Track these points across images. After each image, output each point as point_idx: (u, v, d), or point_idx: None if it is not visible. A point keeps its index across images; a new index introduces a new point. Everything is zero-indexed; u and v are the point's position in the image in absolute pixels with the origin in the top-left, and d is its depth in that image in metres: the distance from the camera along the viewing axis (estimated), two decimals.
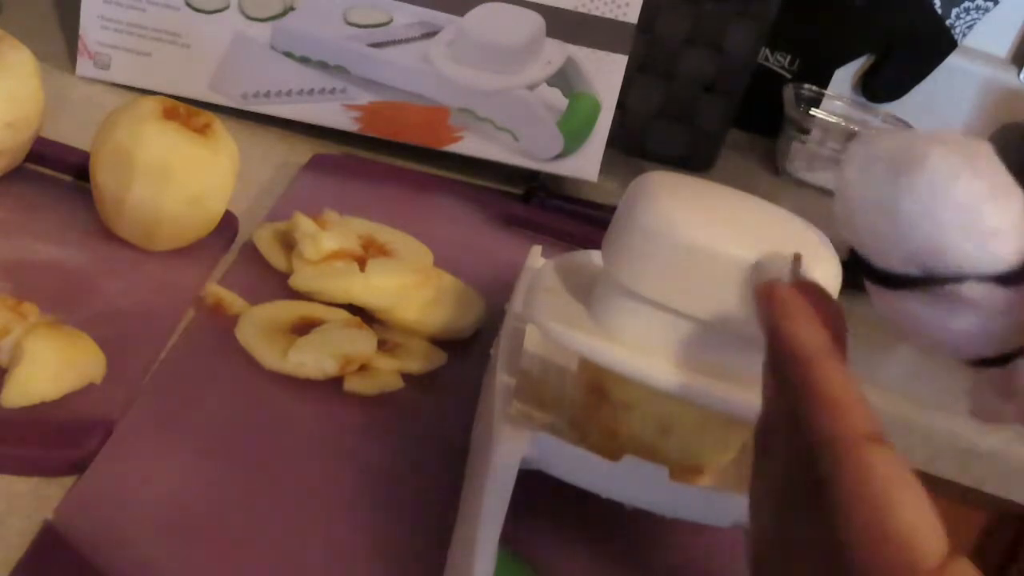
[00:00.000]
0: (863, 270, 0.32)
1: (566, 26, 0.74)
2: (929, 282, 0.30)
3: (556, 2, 0.73)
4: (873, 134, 0.33)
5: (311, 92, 0.75)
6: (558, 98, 0.75)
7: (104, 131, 0.56)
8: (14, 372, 0.45)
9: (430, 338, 0.57)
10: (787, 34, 1.00)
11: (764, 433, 0.33)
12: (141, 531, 0.42)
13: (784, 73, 1.04)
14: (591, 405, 0.44)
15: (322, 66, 0.74)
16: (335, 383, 0.52)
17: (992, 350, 0.32)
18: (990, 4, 1.06)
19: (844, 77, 1.09)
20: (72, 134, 0.64)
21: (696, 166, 0.93)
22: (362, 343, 0.53)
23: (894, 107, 1.09)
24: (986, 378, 0.33)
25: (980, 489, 0.73)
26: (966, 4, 1.05)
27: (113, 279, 0.55)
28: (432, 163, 0.78)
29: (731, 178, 0.93)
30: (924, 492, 0.28)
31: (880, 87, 1.09)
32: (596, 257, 0.47)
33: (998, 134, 1.10)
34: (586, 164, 0.78)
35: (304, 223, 0.59)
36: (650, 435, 0.42)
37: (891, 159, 0.31)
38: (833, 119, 1.01)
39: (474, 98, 0.75)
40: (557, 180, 0.79)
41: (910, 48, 1.07)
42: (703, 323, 0.40)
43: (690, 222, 0.40)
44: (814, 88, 1.03)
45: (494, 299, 0.59)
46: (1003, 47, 1.12)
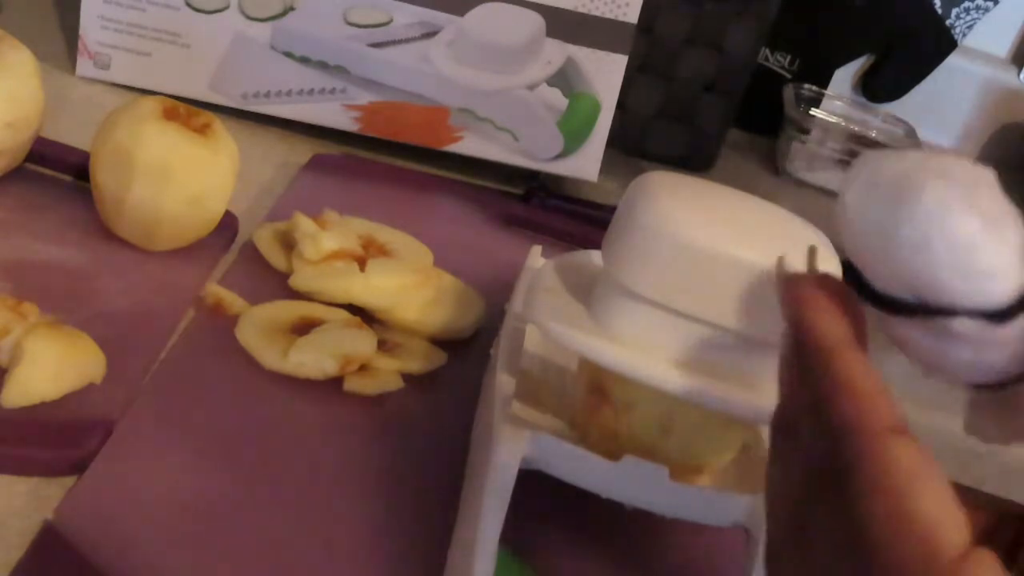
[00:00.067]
0: (859, 289, 0.32)
1: (566, 26, 0.74)
2: (921, 312, 0.30)
3: (556, 2, 0.73)
4: (878, 153, 0.32)
5: (311, 92, 0.75)
6: (558, 98, 0.75)
7: (104, 131, 0.56)
8: (14, 372, 0.45)
9: (430, 338, 0.57)
10: (787, 34, 1.00)
11: (782, 426, 0.33)
12: (141, 531, 0.42)
13: (784, 73, 1.04)
14: (591, 405, 0.44)
15: (322, 66, 0.74)
16: (335, 383, 0.52)
17: (989, 379, 0.32)
18: (990, 4, 1.06)
19: (844, 77, 1.09)
20: (72, 134, 0.64)
21: (696, 166, 0.92)
22: (362, 343, 0.53)
23: (894, 107, 1.09)
24: (984, 398, 0.33)
25: (980, 489, 0.73)
26: (966, 4, 1.05)
27: (113, 279, 0.55)
28: (432, 163, 0.78)
29: (731, 178, 0.93)
30: (947, 484, 0.28)
31: (880, 87, 1.09)
32: (596, 257, 0.47)
33: (998, 134, 1.10)
34: (586, 164, 0.78)
35: (304, 223, 0.59)
36: (650, 435, 0.42)
37: (891, 186, 0.30)
38: (833, 119, 1.01)
39: (474, 98, 0.75)
40: (557, 180, 0.79)
41: (910, 48, 1.07)
42: (703, 323, 0.40)
43: (690, 222, 0.40)
44: (814, 88, 1.03)
45: (494, 299, 0.59)
46: (1003, 47, 1.12)
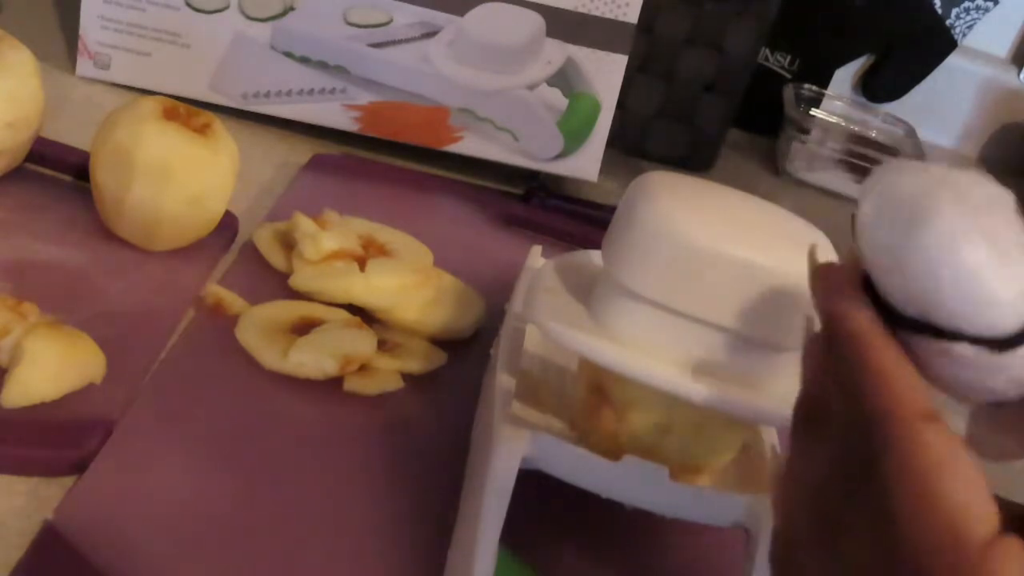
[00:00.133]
0: (870, 296, 0.32)
1: (566, 26, 0.74)
2: (927, 331, 0.30)
3: (556, 2, 0.73)
4: (898, 164, 0.32)
5: (311, 92, 0.75)
6: (558, 98, 0.75)
7: (104, 131, 0.56)
8: (14, 372, 0.45)
9: (430, 338, 0.57)
10: (787, 34, 1.00)
11: (806, 415, 0.33)
12: (141, 531, 0.42)
13: (784, 73, 1.04)
14: (591, 405, 0.44)
15: (322, 66, 0.74)
16: (335, 383, 0.52)
17: (991, 399, 0.32)
18: (990, 4, 1.06)
19: (844, 77, 1.09)
20: (72, 134, 0.64)
21: (696, 166, 0.92)
22: (362, 343, 0.53)
23: (894, 107, 1.09)
24: (984, 412, 0.33)
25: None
26: (966, 4, 1.05)
27: (113, 279, 0.55)
28: (432, 163, 0.78)
29: (731, 178, 0.93)
30: (978, 471, 0.28)
31: (880, 87, 1.09)
32: (596, 257, 0.47)
33: (998, 134, 1.10)
34: (586, 164, 0.78)
35: (304, 223, 0.59)
36: (650, 435, 0.42)
37: (905, 206, 0.31)
38: (833, 119, 1.01)
39: (474, 98, 0.75)
40: (557, 180, 0.79)
41: (910, 48, 1.07)
42: (703, 323, 0.40)
43: (690, 222, 0.40)
44: (814, 88, 1.03)
45: (494, 299, 0.59)
46: (1003, 47, 1.12)
